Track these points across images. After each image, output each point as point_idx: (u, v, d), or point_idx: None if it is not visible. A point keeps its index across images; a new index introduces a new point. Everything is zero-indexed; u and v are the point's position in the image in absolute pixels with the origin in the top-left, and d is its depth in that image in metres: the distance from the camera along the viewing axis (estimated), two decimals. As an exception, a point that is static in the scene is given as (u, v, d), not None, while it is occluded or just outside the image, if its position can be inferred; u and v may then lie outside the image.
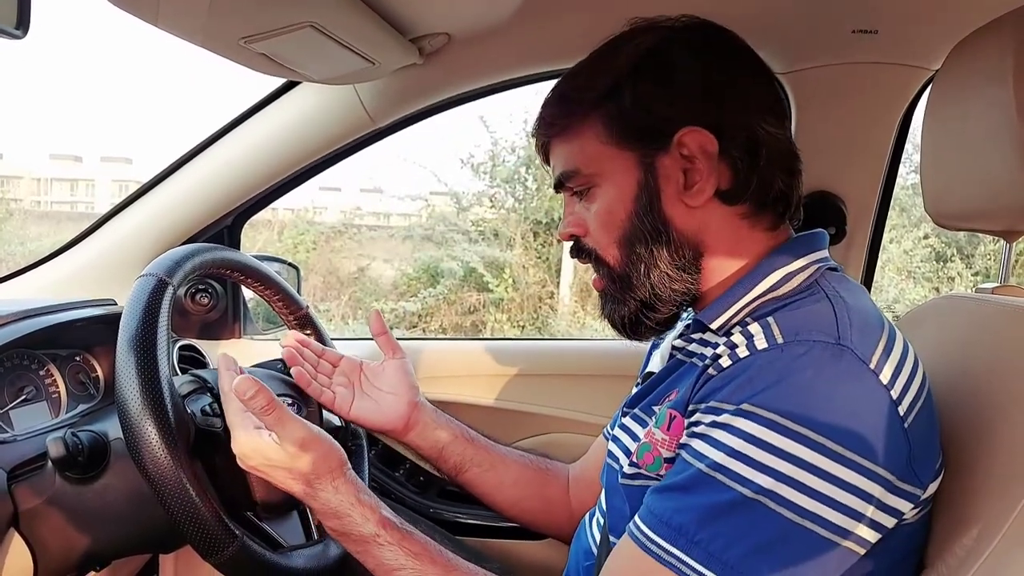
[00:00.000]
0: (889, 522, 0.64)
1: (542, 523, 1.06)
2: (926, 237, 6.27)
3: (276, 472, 0.79)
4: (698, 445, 0.66)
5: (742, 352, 0.67)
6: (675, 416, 0.73)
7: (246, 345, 1.48)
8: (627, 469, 0.78)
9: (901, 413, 0.64)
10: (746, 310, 0.74)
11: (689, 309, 0.84)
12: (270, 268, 1.05)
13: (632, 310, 0.79)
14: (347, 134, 1.32)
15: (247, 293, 1.47)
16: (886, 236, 1.66)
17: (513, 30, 1.14)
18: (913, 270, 6.32)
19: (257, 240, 6.38)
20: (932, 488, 0.67)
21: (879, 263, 1.64)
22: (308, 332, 1.08)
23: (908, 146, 1.56)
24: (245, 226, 1.48)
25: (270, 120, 1.33)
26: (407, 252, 6.97)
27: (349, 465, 0.82)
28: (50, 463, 0.84)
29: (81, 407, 1.06)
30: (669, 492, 0.67)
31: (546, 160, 0.84)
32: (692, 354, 0.79)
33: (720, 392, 0.66)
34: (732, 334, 0.70)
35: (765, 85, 0.78)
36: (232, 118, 1.34)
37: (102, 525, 0.86)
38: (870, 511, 0.62)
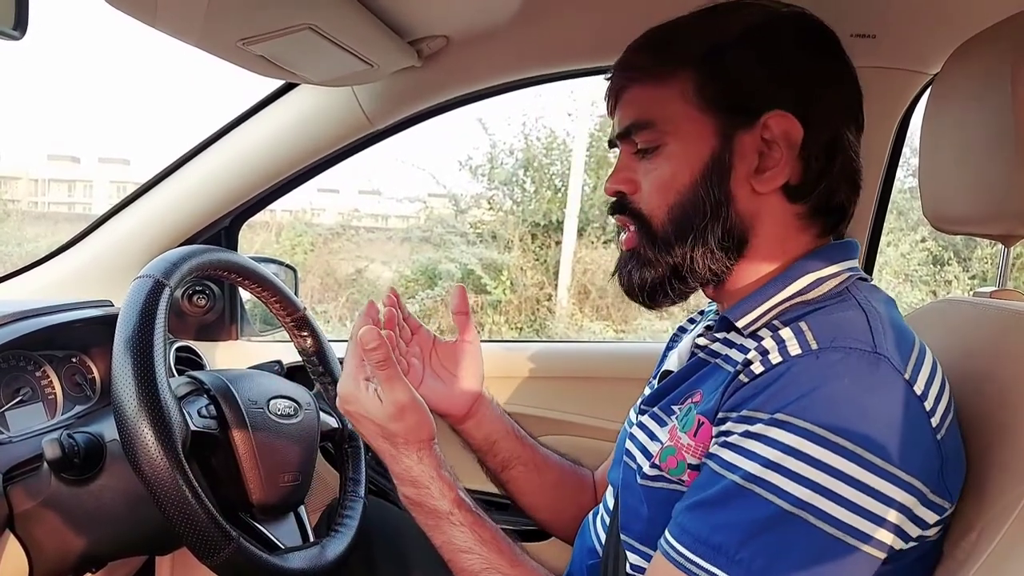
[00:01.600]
0: (915, 532, 0.63)
1: (573, 529, 1.05)
2: (923, 240, 6.29)
3: (367, 426, 0.81)
4: (729, 456, 0.64)
5: (775, 358, 0.65)
6: (703, 423, 0.71)
7: (243, 347, 1.48)
8: (648, 470, 0.76)
9: (934, 425, 0.63)
10: (774, 312, 0.73)
11: (713, 306, 0.83)
12: (267, 270, 1.05)
13: (660, 274, 0.77)
14: (345, 136, 1.32)
15: (244, 295, 1.47)
16: (883, 239, 1.66)
17: (511, 33, 1.15)
18: (910, 273, 6.33)
19: (255, 241, 6.38)
20: (952, 508, 0.67)
21: (876, 266, 1.64)
22: (305, 334, 1.08)
23: (906, 150, 1.56)
24: (243, 227, 1.48)
25: (268, 122, 1.33)
26: (405, 254, 6.98)
27: (437, 440, 0.83)
28: (46, 465, 0.84)
29: (77, 408, 1.06)
30: (703, 507, 0.65)
31: (613, 108, 0.80)
32: (716, 354, 0.78)
33: (753, 400, 0.64)
34: (762, 338, 0.69)
35: (856, 94, 0.77)
36: (230, 120, 1.34)
37: (98, 527, 0.86)
38: (903, 522, 0.61)
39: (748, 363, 0.67)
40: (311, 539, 0.95)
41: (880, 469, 0.60)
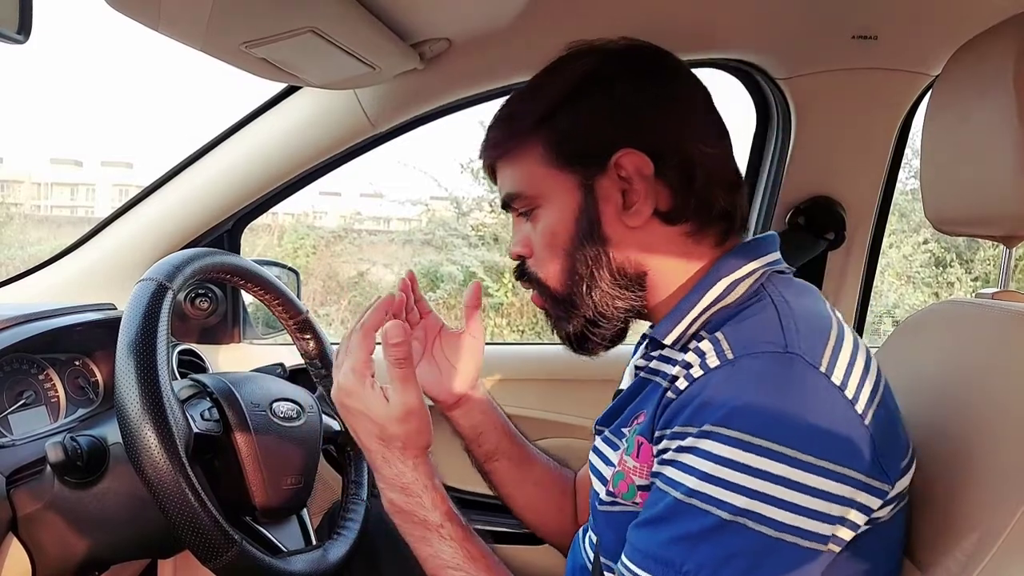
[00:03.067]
0: (861, 519, 0.64)
1: (551, 528, 1.05)
2: (925, 242, 6.27)
3: (364, 423, 0.78)
4: (670, 472, 0.65)
5: (696, 372, 0.67)
6: (643, 443, 0.73)
7: (246, 349, 1.48)
8: (604, 496, 0.78)
9: (859, 411, 0.64)
10: (697, 323, 0.74)
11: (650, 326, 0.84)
12: (270, 272, 1.05)
13: (577, 326, 0.80)
14: (347, 139, 1.32)
15: (247, 297, 1.47)
16: (885, 241, 1.67)
17: (514, 36, 1.15)
18: (913, 275, 6.32)
19: (257, 245, 6.38)
20: (902, 484, 0.68)
21: (878, 268, 1.64)
22: (308, 336, 1.08)
23: (908, 151, 1.56)
24: (245, 231, 1.48)
25: (270, 125, 1.33)
26: (407, 257, 6.97)
27: (431, 451, 0.82)
28: (49, 468, 0.84)
29: (80, 412, 1.06)
30: (651, 525, 0.66)
31: (494, 180, 0.85)
32: (655, 372, 0.79)
33: (682, 415, 0.66)
34: (688, 351, 0.71)
35: (702, 107, 0.79)
36: (233, 123, 1.34)
37: (101, 530, 0.86)
38: (844, 512, 0.62)
39: (675, 379, 0.70)
40: (313, 542, 0.95)
41: (811, 465, 0.61)
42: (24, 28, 0.63)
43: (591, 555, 0.87)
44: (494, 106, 0.85)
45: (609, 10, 1.19)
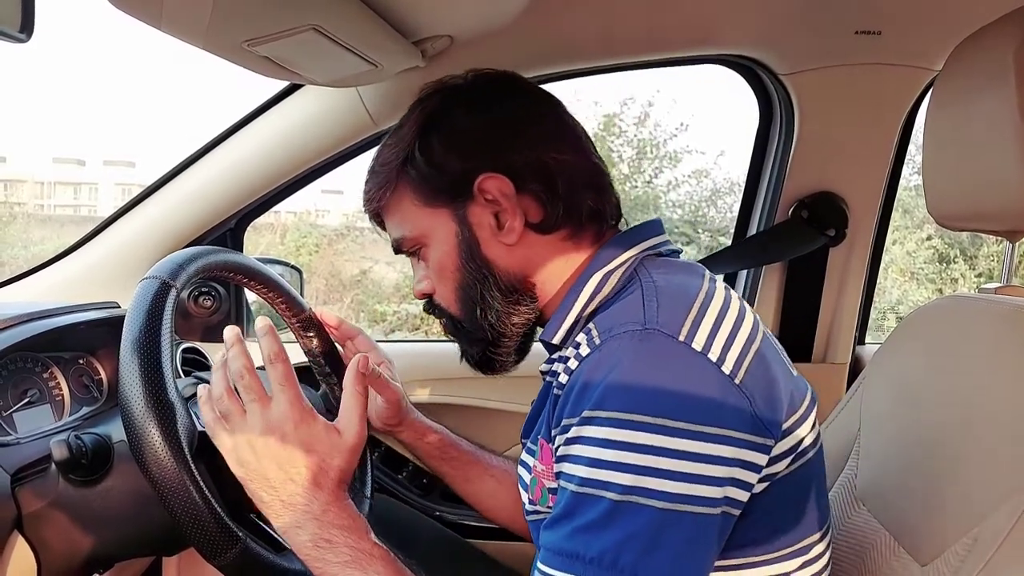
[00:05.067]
0: (752, 477, 0.65)
1: (516, 522, 1.05)
2: (929, 239, 6.26)
3: (299, 458, 0.74)
4: (565, 467, 0.67)
5: (573, 364, 0.70)
6: (544, 445, 0.75)
7: (249, 348, 1.48)
8: (528, 506, 0.80)
9: (728, 371, 0.65)
10: (581, 322, 0.76)
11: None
12: (273, 271, 1.05)
13: (480, 350, 0.84)
14: (350, 137, 1.33)
15: (250, 296, 1.47)
16: (889, 237, 1.67)
17: (516, 33, 1.15)
18: (916, 271, 6.30)
19: (260, 243, 6.38)
20: (795, 437, 0.69)
21: (882, 264, 1.64)
22: (311, 335, 1.08)
23: (911, 147, 1.56)
24: (248, 229, 1.48)
25: (272, 123, 1.33)
26: (409, 255, 6.96)
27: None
28: (54, 466, 0.84)
29: (84, 410, 1.06)
30: (554, 523, 0.67)
31: (384, 229, 0.88)
32: (552, 374, 0.80)
33: (566, 408, 0.68)
34: (570, 347, 0.73)
35: (548, 118, 0.82)
36: (235, 121, 1.34)
37: (105, 527, 0.86)
38: (731, 473, 0.63)
39: (557, 375, 0.73)
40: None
41: (687, 431, 0.62)
42: (26, 27, 0.63)
43: None
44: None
45: (610, 7, 1.19)
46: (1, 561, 0.83)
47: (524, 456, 0.85)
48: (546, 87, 0.90)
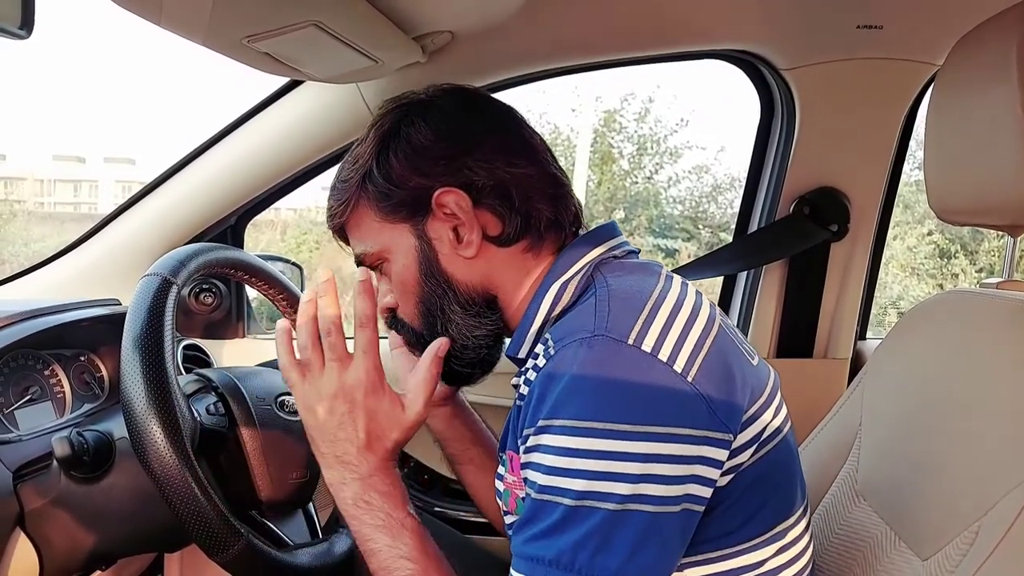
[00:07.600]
0: (713, 473, 0.65)
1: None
2: (930, 234, 6.26)
3: (361, 424, 0.77)
4: (528, 474, 0.68)
5: (531, 376, 0.71)
6: (513, 456, 0.76)
7: (250, 344, 1.48)
8: (507, 520, 0.80)
9: (680, 370, 0.65)
10: (542, 334, 0.77)
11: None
12: (274, 267, 1.05)
13: (444, 363, 0.83)
14: (350, 133, 1.32)
15: (251, 292, 1.47)
16: (890, 233, 1.66)
17: (517, 28, 1.14)
18: (917, 267, 6.31)
19: (260, 240, 6.38)
20: (756, 427, 0.69)
21: (883, 260, 1.64)
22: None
23: (912, 142, 1.56)
24: (248, 226, 1.48)
25: (273, 120, 1.33)
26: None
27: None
28: (55, 463, 0.84)
29: (86, 407, 1.06)
30: (519, 529, 0.68)
31: (348, 244, 0.88)
32: (520, 386, 0.81)
33: (527, 419, 0.69)
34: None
35: (502, 130, 0.82)
36: (235, 118, 1.34)
37: (107, 524, 0.86)
38: (690, 470, 0.63)
39: (519, 388, 0.75)
40: (320, 536, 0.96)
41: (640, 434, 0.62)
42: (26, 24, 0.63)
43: None
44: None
45: (610, 2, 1.19)
46: (3, 558, 0.83)
47: (500, 468, 0.85)
48: (549, 83, 0.90)
